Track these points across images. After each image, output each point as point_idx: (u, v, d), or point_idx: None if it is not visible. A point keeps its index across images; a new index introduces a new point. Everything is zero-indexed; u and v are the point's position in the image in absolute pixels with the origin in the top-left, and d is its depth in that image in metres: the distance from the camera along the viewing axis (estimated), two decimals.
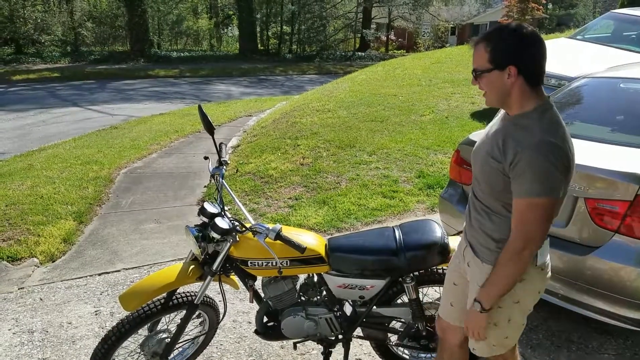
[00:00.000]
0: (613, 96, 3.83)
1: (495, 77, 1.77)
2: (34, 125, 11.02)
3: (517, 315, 2.03)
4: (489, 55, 1.76)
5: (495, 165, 1.82)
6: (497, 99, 1.83)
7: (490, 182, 1.87)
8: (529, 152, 1.70)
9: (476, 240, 2.01)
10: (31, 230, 4.92)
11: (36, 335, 3.37)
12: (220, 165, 2.73)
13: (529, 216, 1.75)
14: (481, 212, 1.97)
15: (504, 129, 1.86)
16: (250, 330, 3.36)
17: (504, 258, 1.83)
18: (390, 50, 35.59)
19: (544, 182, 1.70)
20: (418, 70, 11.88)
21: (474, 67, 1.82)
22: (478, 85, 1.85)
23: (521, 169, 1.71)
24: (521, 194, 1.74)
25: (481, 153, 1.93)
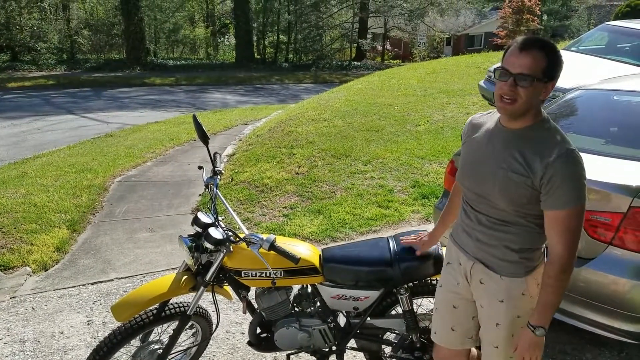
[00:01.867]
0: (607, 108, 3.85)
1: (539, 87, 1.74)
2: (28, 133, 11.00)
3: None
4: (546, 65, 1.72)
5: (521, 180, 1.79)
6: (524, 108, 1.77)
7: (511, 197, 1.83)
8: (561, 163, 1.71)
9: (490, 255, 1.96)
10: (24, 238, 4.89)
11: (28, 345, 3.34)
12: (214, 174, 2.72)
13: (573, 224, 1.76)
14: (493, 226, 1.93)
15: (515, 142, 1.83)
16: (243, 341, 3.33)
17: (556, 273, 1.80)
18: (386, 60, 35.75)
19: (581, 190, 1.74)
20: (413, 81, 11.93)
21: (524, 71, 1.71)
22: (511, 91, 1.74)
23: (558, 182, 1.72)
24: (562, 205, 1.74)
25: (490, 169, 1.88)
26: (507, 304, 1.95)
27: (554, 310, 1.86)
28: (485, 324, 2.07)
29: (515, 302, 1.95)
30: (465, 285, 2.10)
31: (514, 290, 1.94)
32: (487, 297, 2.02)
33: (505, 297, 1.95)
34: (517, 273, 1.93)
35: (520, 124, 1.82)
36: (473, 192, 1.98)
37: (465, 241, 2.06)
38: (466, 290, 2.11)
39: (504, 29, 25.21)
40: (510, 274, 1.94)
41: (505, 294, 1.95)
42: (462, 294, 2.13)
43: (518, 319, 1.96)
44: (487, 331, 2.07)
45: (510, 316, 1.96)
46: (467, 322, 2.17)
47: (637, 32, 8.13)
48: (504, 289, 1.95)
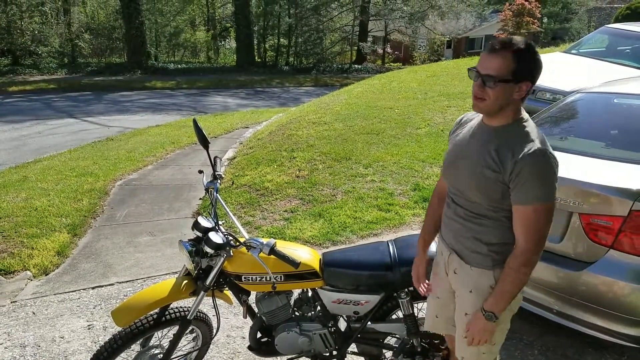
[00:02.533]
0: (607, 111, 3.84)
1: (509, 88, 1.78)
2: (29, 137, 11.02)
3: (507, 318, 2.07)
4: (513, 66, 1.75)
5: (493, 175, 1.84)
6: (495, 108, 1.83)
7: (486, 192, 1.89)
8: (529, 160, 1.76)
9: (463, 247, 2.04)
10: (25, 243, 4.89)
11: (28, 349, 3.33)
12: (214, 179, 2.72)
13: (537, 221, 1.80)
14: (468, 218, 2.00)
15: (492, 139, 1.89)
16: (243, 345, 3.33)
17: (516, 264, 1.85)
18: (387, 63, 35.77)
19: (547, 187, 1.78)
20: (414, 84, 11.93)
21: (490, 73, 1.76)
22: (478, 91, 1.81)
23: (524, 177, 1.77)
24: (527, 200, 1.79)
25: (468, 164, 1.94)
26: (475, 294, 2.02)
27: (508, 300, 1.91)
28: (457, 313, 2.15)
29: (483, 294, 2.00)
30: (444, 276, 2.19)
31: (482, 282, 2.00)
32: (459, 286, 2.10)
33: (474, 287, 2.02)
34: (486, 265, 1.99)
35: (498, 121, 1.88)
36: (453, 186, 2.05)
37: (445, 232, 2.15)
38: (445, 281, 2.20)
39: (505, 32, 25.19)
40: (479, 265, 2.00)
41: (474, 285, 2.02)
42: (444, 285, 2.21)
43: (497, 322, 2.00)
44: (457, 320, 2.15)
45: (478, 308, 2.01)
46: (448, 311, 2.24)
47: (638, 34, 8.14)
48: (473, 279, 2.03)
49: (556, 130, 3.91)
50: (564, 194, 2.86)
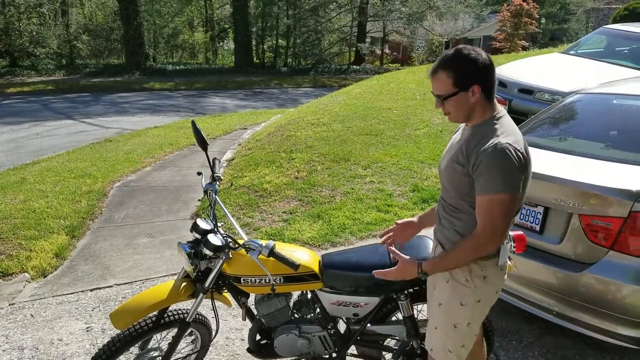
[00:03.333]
0: (606, 112, 3.84)
1: (461, 98, 1.92)
2: (27, 138, 11.00)
3: (476, 317, 2.11)
4: (452, 80, 1.89)
5: (460, 169, 1.96)
6: (463, 116, 1.98)
7: (456, 185, 2.00)
8: (488, 153, 1.85)
9: (445, 238, 2.12)
10: (23, 244, 4.87)
11: (26, 352, 3.32)
12: (213, 180, 2.72)
13: (492, 211, 1.88)
14: (450, 212, 2.08)
15: (466, 138, 2.01)
16: (242, 348, 3.32)
17: (466, 245, 1.95)
18: (385, 64, 35.76)
19: (504, 179, 1.85)
20: (412, 84, 11.94)
21: (437, 93, 1.95)
22: (442, 108, 1.98)
23: (482, 169, 1.86)
24: (484, 191, 1.88)
25: (445, 162, 2.08)
26: (451, 285, 2.08)
27: (443, 267, 2.02)
28: (431, 303, 2.20)
29: (458, 286, 2.06)
30: None
31: (459, 274, 2.06)
32: (438, 276, 2.13)
33: (450, 278, 2.08)
34: None
35: (473, 122, 2.00)
36: (441, 182, 2.16)
37: (436, 226, 2.23)
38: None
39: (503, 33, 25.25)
40: None
41: (451, 276, 2.08)
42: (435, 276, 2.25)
43: (460, 307, 2.07)
44: (430, 311, 2.21)
45: (453, 301, 2.08)
46: None
47: (636, 35, 8.15)
48: (450, 271, 2.07)
49: (555, 131, 3.91)
50: (563, 195, 2.86)
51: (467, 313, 2.07)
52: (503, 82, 7.47)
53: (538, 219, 3.03)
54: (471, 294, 2.05)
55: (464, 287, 2.05)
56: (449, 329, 2.10)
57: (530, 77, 7.35)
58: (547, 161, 3.21)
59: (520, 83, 7.25)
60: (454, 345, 2.12)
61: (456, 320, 2.09)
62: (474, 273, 2.03)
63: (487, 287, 2.05)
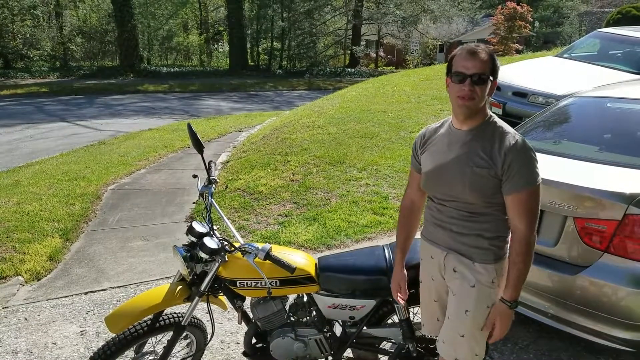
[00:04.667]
0: (600, 115, 3.86)
1: (488, 85, 1.95)
2: (21, 141, 10.94)
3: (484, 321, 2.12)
4: (490, 66, 1.94)
5: (486, 172, 1.96)
6: (480, 105, 1.98)
7: (481, 189, 1.99)
8: (516, 150, 1.92)
9: (463, 245, 2.09)
10: (17, 247, 4.84)
11: (20, 356, 3.30)
12: (209, 183, 2.71)
13: (532, 203, 1.95)
14: (466, 218, 2.07)
15: (472, 141, 2.00)
16: (238, 351, 3.31)
17: (523, 251, 1.96)
18: (380, 67, 35.88)
19: (535, 170, 1.95)
20: (407, 87, 11.97)
21: (477, 71, 1.91)
22: (469, 91, 1.91)
23: (516, 165, 1.92)
24: (522, 186, 1.93)
25: (456, 170, 2.02)
26: (477, 289, 2.07)
27: (523, 284, 2.01)
28: (454, 311, 2.14)
29: (485, 289, 2.06)
30: (439, 279, 2.22)
31: (485, 276, 2.06)
32: (459, 283, 2.12)
33: (476, 282, 2.08)
34: (488, 259, 2.07)
35: (472, 123, 2.02)
36: (442, 193, 2.12)
37: (437, 235, 2.18)
38: (441, 284, 2.23)
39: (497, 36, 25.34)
40: (481, 260, 2.07)
41: (476, 280, 2.08)
42: (438, 288, 2.25)
43: (487, 310, 2.07)
44: (455, 319, 2.14)
45: (480, 304, 2.07)
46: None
47: (629, 39, 8.19)
48: (475, 275, 2.08)
49: (549, 134, 3.93)
50: (558, 198, 2.87)
51: (490, 313, 2.08)
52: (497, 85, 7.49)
53: None
54: (495, 295, 2.07)
55: (489, 289, 2.06)
56: (477, 333, 2.09)
57: (524, 80, 7.37)
58: (542, 164, 3.20)
59: (514, 86, 7.27)
60: (480, 347, 2.13)
61: (482, 323, 2.09)
62: (499, 272, 2.06)
63: (503, 283, 2.08)
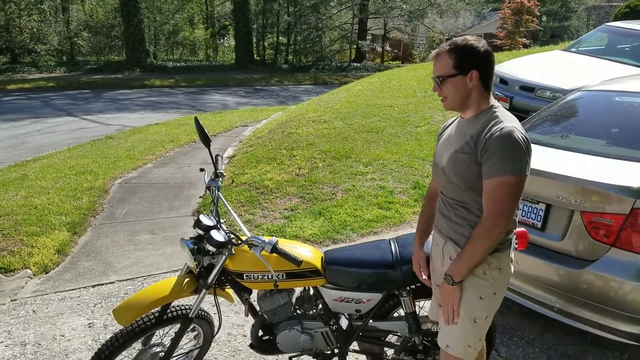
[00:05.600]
0: (608, 109, 3.84)
1: (459, 81, 1.97)
2: (28, 135, 11.00)
3: (493, 309, 2.13)
4: (453, 62, 1.96)
5: (467, 158, 1.98)
6: (458, 101, 2.02)
7: (464, 176, 2.00)
8: (495, 137, 1.89)
9: (458, 234, 2.10)
10: (25, 241, 4.88)
11: (29, 348, 3.33)
12: (216, 177, 2.72)
13: (499, 194, 1.90)
14: (457, 207, 2.09)
15: (466, 129, 2.04)
16: (245, 343, 3.33)
17: (476, 234, 1.97)
18: (386, 61, 35.76)
19: (513, 161, 1.88)
20: (413, 82, 11.93)
21: (437, 74, 2.00)
22: (439, 92, 2.03)
23: (491, 152, 1.89)
24: (492, 174, 1.90)
25: (447, 157, 2.07)
26: (469, 279, 2.07)
27: (466, 267, 2.01)
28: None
29: (476, 280, 2.06)
30: (440, 266, 2.24)
31: (477, 267, 2.05)
32: None
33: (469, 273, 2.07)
34: None
35: (470, 113, 2.04)
36: (442, 180, 2.16)
37: (441, 222, 2.21)
38: (441, 271, 2.22)
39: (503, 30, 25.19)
40: None
41: None
42: (439, 275, 2.24)
43: (479, 301, 2.07)
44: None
45: (471, 295, 2.07)
46: None
47: (637, 32, 8.13)
48: None
49: (557, 128, 3.91)
50: (565, 192, 2.86)
51: (486, 306, 2.08)
52: (504, 79, 7.46)
53: (540, 215, 3.03)
54: (489, 287, 2.06)
55: (482, 280, 2.05)
56: (469, 324, 2.10)
57: (532, 74, 7.34)
58: (549, 158, 3.21)
59: (521, 80, 7.24)
60: (473, 339, 2.13)
61: (476, 314, 2.09)
62: (491, 265, 2.04)
63: (502, 278, 2.07)
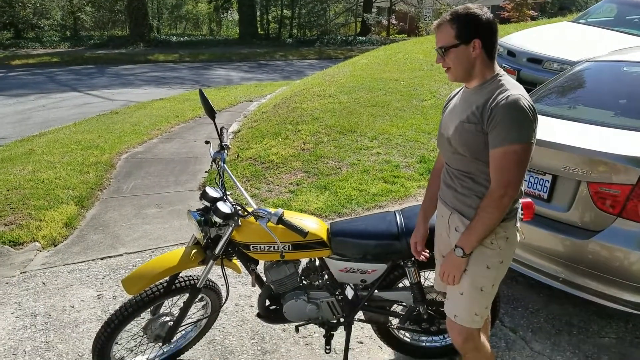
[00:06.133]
0: (616, 80, 3.80)
1: (462, 51, 1.95)
2: (34, 110, 11.00)
3: (499, 277, 2.14)
4: (455, 31, 1.94)
5: (473, 127, 1.96)
6: (462, 72, 2.00)
7: (470, 145, 1.99)
8: (502, 105, 1.87)
9: (465, 205, 2.10)
10: (33, 214, 4.92)
11: (39, 318, 3.38)
12: (221, 149, 2.72)
13: (507, 162, 1.89)
14: (465, 178, 2.08)
15: (471, 99, 2.02)
16: (252, 313, 3.38)
17: (486, 204, 1.96)
18: (392, 35, 35.32)
19: (519, 129, 1.86)
20: (420, 55, 11.81)
21: (440, 45, 1.99)
22: (442, 63, 2.01)
23: (497, 121, 1.87)
24: (498, 143, 1.88)
25: (453, 127, 2.06)
26: (477, 249, 2.07)
27: (477, 238, 2.01)
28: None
29: (483, 249, 2.07)
30: (445, 237, 2.25)
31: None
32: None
33: None
34: None
35: (474, 83, 2.02)
36: (447, 151, 2.14)
37: (446, 193, 2.21)
38: (446, 243, 2.26)
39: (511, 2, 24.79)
40: None
41: None
42: (446, 245, 2.26)
43: (486, 270, 2.08)
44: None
45: (479, 264, 2.09)
46: None
47: None
48: None
49: (564, 99, 3.88)
50: (572, 163, 2.85)
51: (493, 275, 2.09)
52: (512, 51, 7.38)
53: (546, 187, 3.03)
54: (496, 256, 2.06)
55: (489, 250, 2.06)
56: (476, 293, 2.11)
57: (540, 46, 7.26)
58: (556, 129, 3.19)
59: (529, 52, 7.16)
60: (480, 308, 2.15)
61: (482, 283, 2.10)
62: (498, 235, 2.04)
63: (509, 247, 2.08)
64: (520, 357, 2.97)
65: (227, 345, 3.11)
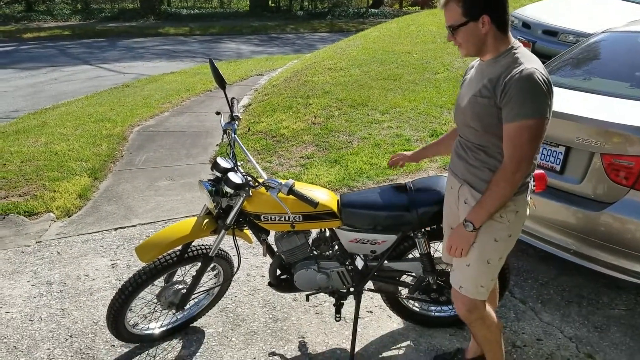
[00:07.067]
0: (632, 51, 3.73)
1: (471, 28, 1.91)
2: (46, 83, 11.03)
3: (506, 250, 2.15)
4: (462, 9, 1.89)
5: (486, 101, 1.93)
6: (474, 48, 1.97)
7: (482, 118, 1.97)
8: (515, 80, 1.83)
9: (475, 177, 2.09)
10: (47, 185, 4.98)
11: (54, 287, 3.45)
12: (232, 120, 2.73)
13: (520, 138, 1.86)
14: (477, 150, 2.06)
15: (485, 72, 1.99)
16: (263, 283, 3.42)
17: (498, 179, 1.94)
18: (405, 7, 34.80)
19: (533, 104, 1.82)
20: (433, 27, 11.63)
21: (449, 24, 1.95)
22: (454, 41, 1.99)
23: (511, 95, 1.84)
24: (512, 118, 1.85)
25: (467, 99, 2.04)
26: (486, 222, 2.06)
27: (487, 212, 2.00)
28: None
29: (493, 223, 2.06)
30: (454, 209, 2.25)
31: None
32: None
33: None
34: None
35: (489, 56, 1.99)
36: (460, 123, 2.13)
37: (457, 165, 2.19)
38: (455, 215, 2.26)
39: None
40: None
41: None
42: (455, 218, 2.26)
43: (494, 243, 2.08)
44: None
45: (486, 237, 2.08)
46: None
47: None
48: None
49: (579, 70, 3.82)
50: (585, 134, 2.82)
51: (500, 248, 2.09)
52: (527, 23, 7.26)
53: (559, 159, 3.01)
54: (505, 229, 2.06)
55: (498, 223, 2.05)
56: (482, 266, 2.12)
57: (555, 18, 7.12)
58: (571, 100, 3.16)
59: (544, 24, 7.04)
60: (486, 280, 2.16)
61: (490, 256, 2.10)
62: (508, 208, 2.03)
63: (518, 221, 2.07)
64: (529, 328, 2.99)
65: (239, 313, 3.16)
